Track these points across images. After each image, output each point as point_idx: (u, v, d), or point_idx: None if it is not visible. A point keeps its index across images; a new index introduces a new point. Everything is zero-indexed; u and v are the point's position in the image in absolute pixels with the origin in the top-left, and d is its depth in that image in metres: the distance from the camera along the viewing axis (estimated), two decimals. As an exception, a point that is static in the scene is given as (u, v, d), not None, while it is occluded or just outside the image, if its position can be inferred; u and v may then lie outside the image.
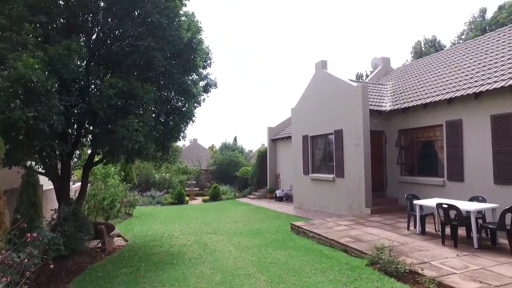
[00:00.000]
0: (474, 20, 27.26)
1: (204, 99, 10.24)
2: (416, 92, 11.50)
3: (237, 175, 23.19)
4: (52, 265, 4.87)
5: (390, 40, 61.94)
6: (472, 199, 7.68)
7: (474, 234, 6.40)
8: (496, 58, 9.87)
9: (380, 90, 13.71)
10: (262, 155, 21.33)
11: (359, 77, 34.57)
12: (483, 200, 7.46)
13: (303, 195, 14.35)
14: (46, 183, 9.06)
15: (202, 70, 10.11)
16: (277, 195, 17.79)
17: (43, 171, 7.52)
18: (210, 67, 10.31)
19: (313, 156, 13.96)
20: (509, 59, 9.25)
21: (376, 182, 11.28)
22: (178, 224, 11.75)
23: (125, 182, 14.72)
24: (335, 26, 70.51)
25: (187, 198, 19.75)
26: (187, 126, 9.84)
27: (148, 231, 10.66)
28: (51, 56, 5.77)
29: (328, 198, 12.54)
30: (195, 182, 22.97)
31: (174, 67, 8.36)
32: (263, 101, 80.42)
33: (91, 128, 7.55)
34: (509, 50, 9.78)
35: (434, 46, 29.59)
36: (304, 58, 73.00)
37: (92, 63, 7.55)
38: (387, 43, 61.43)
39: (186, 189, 21.15)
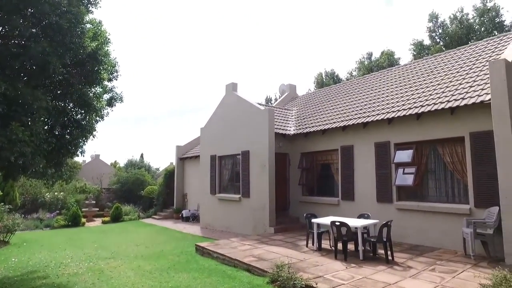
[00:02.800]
0: (363, 60, 31.65)
1: (108, 113, 9.58)
2: (317, 119, 12.65)
3: (142, 194, 21.94)
4: None
5: (298, 68, 67.34)
6: (360, 216, 8.66)
7: (360, 247, 7.20)
8: (378, 94, 11.56)
9: (286, 114, 14.71)
10: (169, 174, 20.68)
11: (268, 100, 36.54)
12: (368, 217, 8.48)
13: (210, 215, 14.26)
14: None
15: (107, 83, 9.50)
16: (184, 215, 17.33)
17: None
18: (116, 80, 9.73)
19: (220, 176, 14.09)
20: (387, 96, 10.95)
21: (279, 202, 11.89)
22: (70, 250, 10.46)
23: (2, 203, 12.56)
24: (248, 49, 73.82)
25: (83, 219, 17.81)
26: (86, 141, 9.03)
27: (29, 261, 9.18)
28: None
29: (234, 218, 12.71)
30: (94, 202, 20.91)
31: (74, 76, 7.66)
32: (173, 118, 78.65)
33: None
34: (387, 89, 11.60)
35: (333, 78, 33.17)
36: (216, 78, 74.27)
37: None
38: (294, 71, 66.62)
39: (83, 209, 19.10)
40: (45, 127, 7.32)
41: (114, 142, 69.27)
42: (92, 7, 7.96)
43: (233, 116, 13.28)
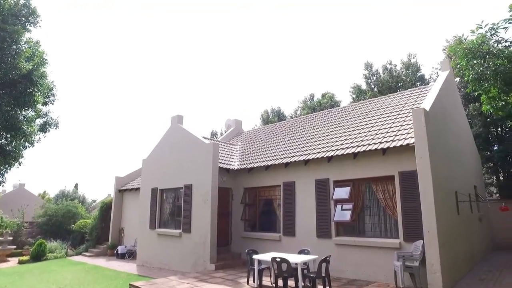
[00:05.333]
0: (306, 100, 33.59)
1: (40, 139, 8.90)
2: (261, 155, 12.90)
3: (73, 228, 20.04)
4: None
5: (244, 104, 68.99)
6: (300, 252, 8.75)
7: (300, 283, 7.21)
8: (319, 133, 12.23)
9: (231, 149, 14.81)
10: (106, 207, 19.25)
11: (213, 134, 36.59)
12: (308, 252, 8.61)
13: (148, 251, 13.40)
14: None
15: (42, 107, 8.90)
16: (119, 252, 16.05)
17: None
18: (53, 104, 9.20)
19: (161, 209, 13.48)
20: (327, 135, 11.62)
21: (221, 238, 11.62)
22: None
23: None
24: (196, 82, 74.43)
25: (-7, 260, 15.60)
26: (10, 169, 8.21)
27: None
28: None
29: (174, 254, 12.09)
30: (11, 238, 18.45)
31: (1, 97, 7.06)
32: (113, 149, 74.91)
33: None
34: (328, 129, 12.35)
35: (278, 115, 34.46)
36: (161, 109, 73.23)
37: None
38: (241, 106, 68.08)
39: (-5, 248, 16.80)
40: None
41: (44, 170, 63.57)
42: (31, 26, 7.58)
43: (177, 149, 13.03)
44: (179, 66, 73.90)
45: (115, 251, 16.50)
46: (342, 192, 9.63)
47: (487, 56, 7.04)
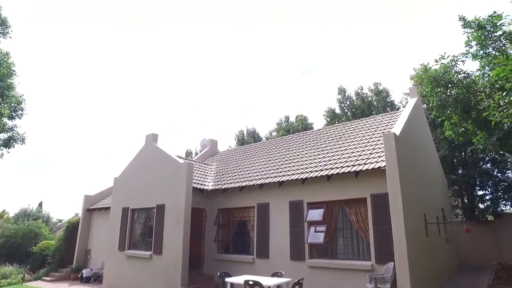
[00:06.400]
0: (281, 122, 34.06)
1: (2, 155, 8.47)
2: (235, 175, 12.84)
3: (33, 250, 18.80)
4: None
5: (220, 124, 69.00)
6: (273, 275, 8.65)
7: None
8: (294, 155, 12.37)
9: (205, 169, 14.66)
10: (72, 227, 18.24)
11: (188, 154, 36.07)
12: (281, 275, 8.53)
13: (115, 275, 12.77)
14: None
15: (7, 120, 8.53)
16: (84, 275, 15.14)
17: None
18: (20, 118, 8.84)
19: (132, 230, 12.98)
20: (302, 157, 11.77)
21: (194, 259, 11.29)
22: None
23: None
24: (172, 100, 73.90)
25: None
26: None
27: None
28: None
29: (144, 277, 11.58)
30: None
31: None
32: (83, 165, 72.11)
33: None
34: (302, 151, 12.52)
35: (253, 136, 34.60)
36: (135, 128, 71.79)
37: None
38: (217, 126, 68.00)
39: None
40: None
41: (6, 187, 59.93)
42: (0, 37, 7.36)
43: (151, 168, 12.73)
44: (155, 84, 73.43)
45: (79, 275, 15.56)
46: (315, 214, 9.69)
47: (449, 85, 7.54)
